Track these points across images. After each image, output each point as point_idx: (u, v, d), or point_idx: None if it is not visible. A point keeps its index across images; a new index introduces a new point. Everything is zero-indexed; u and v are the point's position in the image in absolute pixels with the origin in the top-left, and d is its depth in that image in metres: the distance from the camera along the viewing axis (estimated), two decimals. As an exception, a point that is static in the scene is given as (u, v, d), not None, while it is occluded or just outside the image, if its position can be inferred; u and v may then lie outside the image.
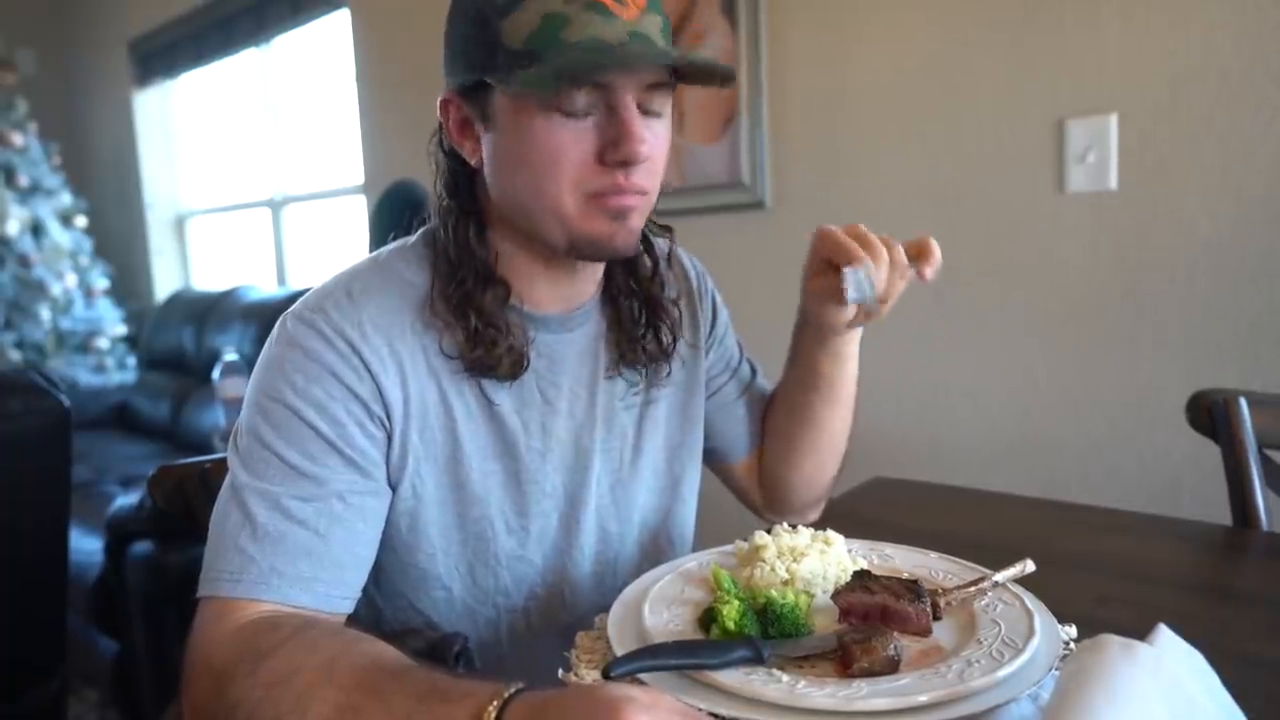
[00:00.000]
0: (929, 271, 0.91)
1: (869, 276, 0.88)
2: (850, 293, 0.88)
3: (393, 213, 2.47)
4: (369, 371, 0.84)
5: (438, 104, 0.88)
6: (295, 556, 0.79)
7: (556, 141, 0.82)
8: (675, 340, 1.02)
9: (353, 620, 0.85)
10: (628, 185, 0.84)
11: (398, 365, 0.86)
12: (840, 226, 0.91)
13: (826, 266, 0.92)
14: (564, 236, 0.86)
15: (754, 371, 1.18)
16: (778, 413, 1.12)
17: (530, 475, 0.95)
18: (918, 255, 0.91)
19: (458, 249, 0.89)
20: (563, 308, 0.96)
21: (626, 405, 1.02)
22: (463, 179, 0.91)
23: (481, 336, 0.88)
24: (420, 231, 0.96)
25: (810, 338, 1.02)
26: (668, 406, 1.06)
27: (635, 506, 1.04)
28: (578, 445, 0.98)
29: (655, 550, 1.06)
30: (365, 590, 0.93)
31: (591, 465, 0.99)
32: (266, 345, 0.86)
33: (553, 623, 0.97)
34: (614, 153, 0.81)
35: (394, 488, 0.88)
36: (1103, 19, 1.73)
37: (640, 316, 1.00)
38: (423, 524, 0.91)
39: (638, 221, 0.88)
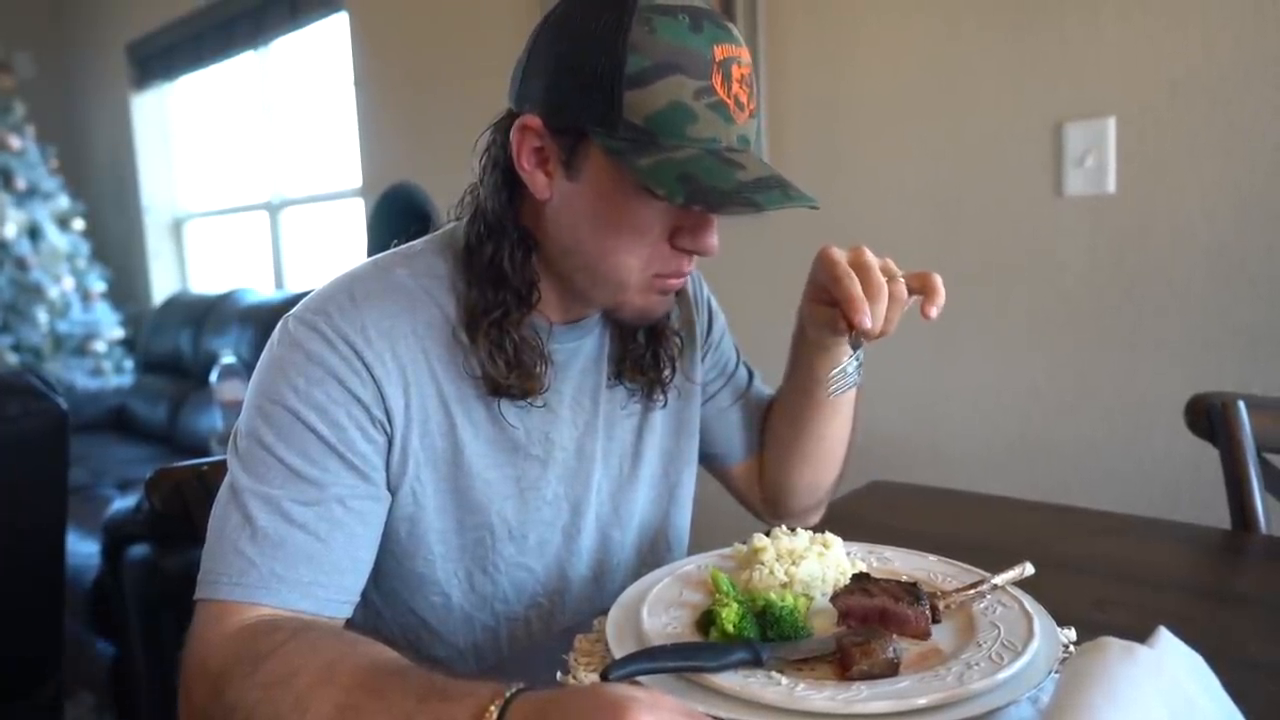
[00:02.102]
0: (933, 310, 0.88)
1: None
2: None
3: (391, 216, 2.47)
4: (371, 376, 0.83)
5: (513, 127, 0.84)
6: (295, 561, 0.78)
7: (644, 219, 0.83)
8: (673, 371, 1.02)
9: (351, 623, 0.84)
10: (688, 268, 0.88)
11: (400, 370, 0.85)
12: (845, 251, 0.88)
13: (825, 294, 0.90)
14: (612, 301, 0.89)
15: (751, 376, 1.18)
16: (778, 419, 1.12)
17: (531, 482, 0.94)
18: (920, 289, 0.89)
19: (502, 273, 0.88)
20: (571, 317, 0.96)
21: (628, 413, 1.02)
22: (517, 203, 0.89)
23: (519, 363, 0.88)
24: (427, 239, 0.95)
25: (809, 346, 1.01)
26: (665, 414, 1.06)
27: (635, 512, 1.04)
28: (580, 452, 0.98)
29: (653, 556, 1.06)
30: (365, 593, 0.92)
31: (593, 472, 0.99)
32: (267, 347, 0.85)
33: (551, 628, 0.96)
34: (690, 242, 0.85)
35: (393, 492, 0.88)
36: (1101, 22, 1.73)
37: (642, 337, 1.00)
38: (422, 530, 0.90)
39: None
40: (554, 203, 0.86)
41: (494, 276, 0.88)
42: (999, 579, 0.82)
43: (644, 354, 1.00)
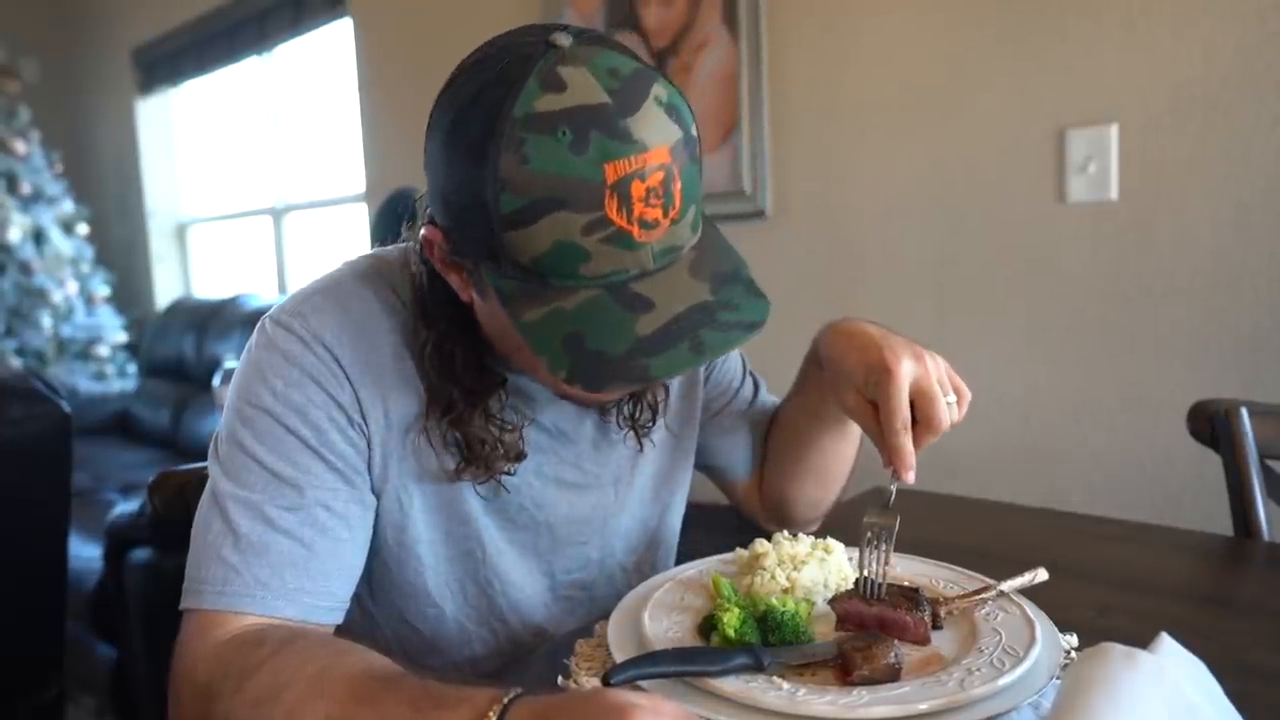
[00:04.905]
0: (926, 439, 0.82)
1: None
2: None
3: (394, 221, 2.47)
4: (348, 379, 0.82)
5: (419, 233, 0.80)
6: (280, 567, 0.77)
7: None
8: (655, 417, 0.97)
9: (348, 631, 0.83)
10: None
11: (378, 373, 0.83)
12: (911, 370, 0.80)
13: (872, 395, 0.83)
14: (556, 391, 0.87)
15: (757, 389, 1.15)
16: (784, 437, 1.10)
17: (518, 501, 0.92)
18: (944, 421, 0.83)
19: (442, 372, 0.83)
20: None
21: (624, 439, 0.99)
22: (446, 297, 0.82)
23: (476, 455, 0.84)
24: (404, 247, 0.91)
25: (824, 378, 0.96)
26: (660, 438, 1.03)
27: (621, 534, 1.02)
28: (566, 475, 0.95)
29: (638, 575, 1.03)
30: (361, 603, 0.91)
31: (581, 495, 0.97)
32: (246, 349, 0.84)
33: (543, 644, 0.94)
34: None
35: (378, 496, 0.86)
36: (1104, 29, 1.73)
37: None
38: (410, 540, 0.89)
39: None
40: (477, 311, 0.82)
41: (439, 365, 0.83)
42: (1007, 585, 0.81)
43: (624, 401, 0.95)
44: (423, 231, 0.79)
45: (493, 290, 0.72)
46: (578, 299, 0.69)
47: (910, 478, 0.80)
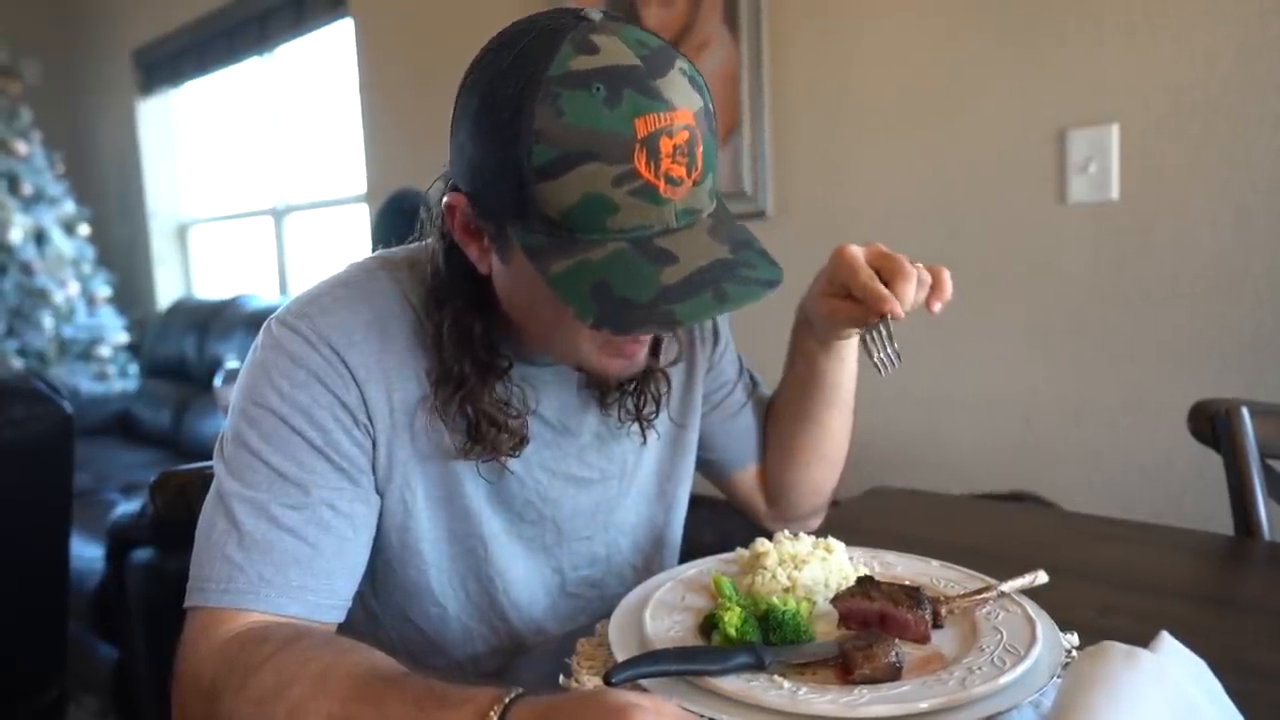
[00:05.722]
0: (937, 306, 0.87)
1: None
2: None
3: (395, 222, 2.48)
4: (354, 379, 0.82)
5: (442, 202, 0.81)
6: (283, 565, 0.77)
7: (572, 317, 0.75)
8: (658, 409, 0.98)
9: (351, 630, 0.84)
10: (640, 343, 0.85)
11: (384, 373, 0.84)
12: (861, 247, 0.88)
13: (842, 290, 0.90)
14: (574, 365, 0.89)
15: (755, 383, 1.17)
16: (780, 418, 1.11)
17: (524, 496, 0.93)
18: (930, 281, 0.88)
19: (460, 345, 0.84)
20: None
21: (626, 432, 1.00)
22: (463, 272, 0.84)
23: (483, 435, 0.85)
24: (412, 247, 0.92)
25: (812, 339, 1.01)
26: (663, 431, 1.03)
27: (628, 531, 1.03)
28: (571, 469, 0.96)
29: (646, 574, 1.03)
30: (365, 602, 0.92)
31: (585, 490, 0.97)
32: (251, 350, 0.85)
33: (545, 642, 0.95)
34: (617, 349, 0.83)
35: (381, 495, 0.87)
36: (1104, 30, 1.73)
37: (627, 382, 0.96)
38: (413, 538, 0.89)
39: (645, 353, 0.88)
40: (493, 275, 0.83)
41: (456, 339, 0.84)
42: (1007, 586, 0.81)
43: (627, 393, 0.96)
44: (445, 199, 0.80)
45: (520, 248, 0.74)
46: (604, 251, 0.71)
47: (900, 310, 0.84)
